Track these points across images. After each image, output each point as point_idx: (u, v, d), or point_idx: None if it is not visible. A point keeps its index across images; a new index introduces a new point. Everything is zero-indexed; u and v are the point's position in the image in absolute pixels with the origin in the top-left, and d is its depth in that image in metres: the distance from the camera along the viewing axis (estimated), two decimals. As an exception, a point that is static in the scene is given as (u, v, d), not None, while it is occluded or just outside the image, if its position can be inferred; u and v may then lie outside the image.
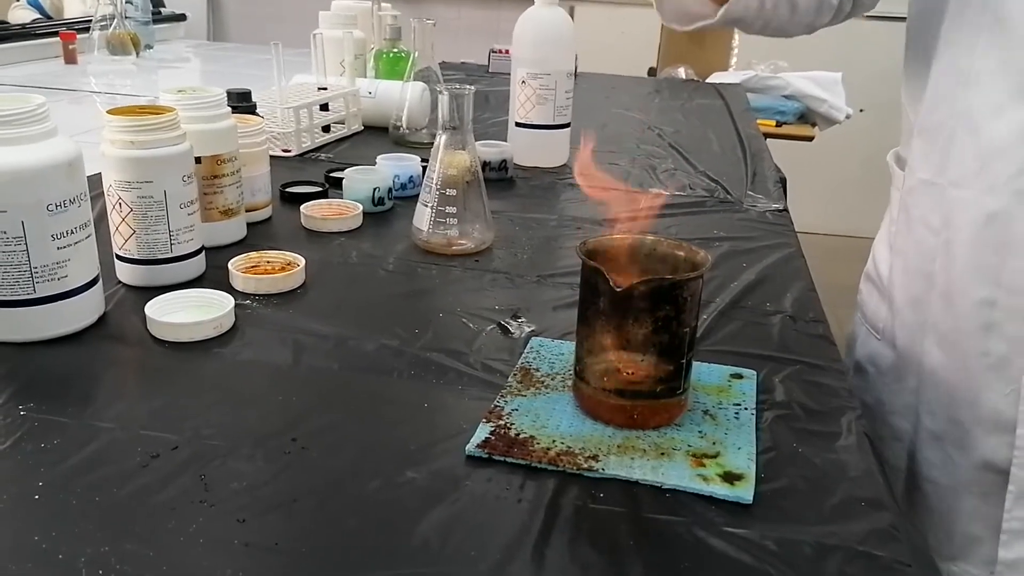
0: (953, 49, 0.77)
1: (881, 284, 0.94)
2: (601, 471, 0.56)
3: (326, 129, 1.41)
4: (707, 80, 2.53)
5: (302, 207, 1.00)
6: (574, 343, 0.65)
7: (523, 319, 0.78)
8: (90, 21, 2.14)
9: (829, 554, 0.49)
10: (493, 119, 1.61)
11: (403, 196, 1.10)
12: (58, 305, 0.69)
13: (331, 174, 1.16)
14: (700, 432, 0.61)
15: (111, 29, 2.08)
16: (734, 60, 2.94)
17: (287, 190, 1.09)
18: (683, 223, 1.09)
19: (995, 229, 0.76)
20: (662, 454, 0.58)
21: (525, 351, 0.72)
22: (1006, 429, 0.78)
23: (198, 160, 0.84)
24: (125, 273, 0.81)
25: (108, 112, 0.77)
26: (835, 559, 0.49)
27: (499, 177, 1.22)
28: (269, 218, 1.01)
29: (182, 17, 2.82)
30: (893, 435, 0.90)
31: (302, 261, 0.84)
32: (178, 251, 0.80)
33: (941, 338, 0.83)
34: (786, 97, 2.59)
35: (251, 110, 1.15)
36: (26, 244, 0.66)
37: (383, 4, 1.79)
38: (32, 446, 0.56)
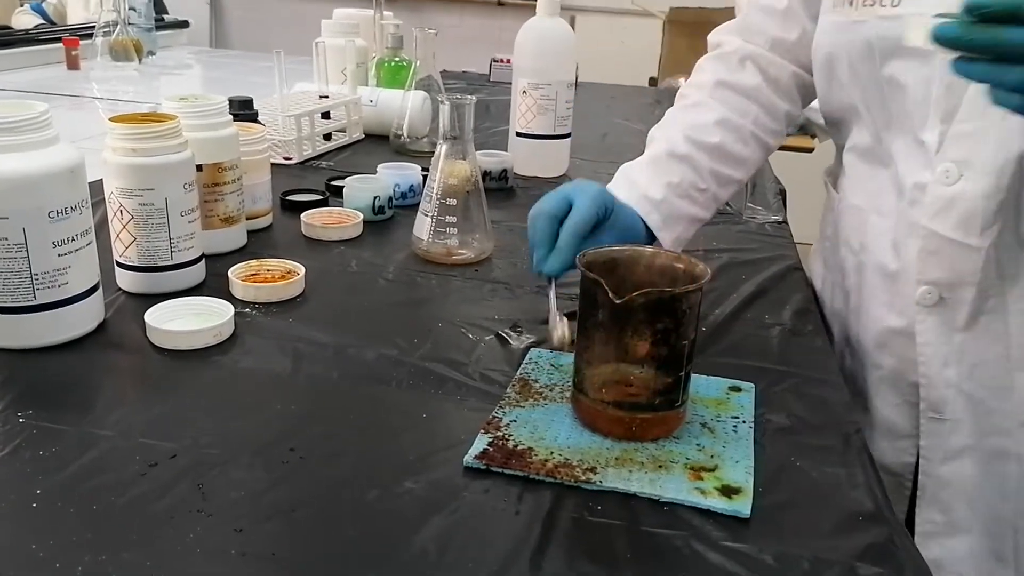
0: (865, 97, 0.79)
1: (813, 295, 0.98)
2: (599, 483, 0.56)
3: (327, 137, 1.42)
4: (708, 91, 2.53)
5: (302, 215, 1.00)
6: (572, 354, 0.65)
7: (522, 330, 0.78)
8: (93, 27, 2.14)
9: (827, 569, 0.49)
10: (494, 128, 1.61)
11: (403, 205, 1.10)
12: (58, 312, 0.69)
13: (332, 182, 1.16)
14: (698, 445, 0.61)
15: (114, 35, 2.09)
16: (735, 71, 2.94)
17: (287, 198, 1.10)
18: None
19: (891, 256, 0.79)
20: (660, 467, 0.58)
21: (524, 362, 0.72)
22: (897, 436, 0.82)
23: (199, 168, 0.84)
24: (125, 280, 0.81)
25: (110, 119, 0.77)
26: (833, 574, 0.49)
27: (499, 187, 1.22)
28: (269, 226, 1.01)
29: (185, 24, 2.83)
30: None
31: (302, 269, 0.85)
32: (178, 259, 0.80)
33: (851, 349, 0.88)
34: (786, 108, 2.59)
35: (253, 118, 1.15)
36: (27, 251, 0.66)
37: (385, 13, 1.79)
38: (31, 453, 0.56)
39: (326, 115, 1.41)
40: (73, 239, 0.69)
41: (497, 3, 4.05)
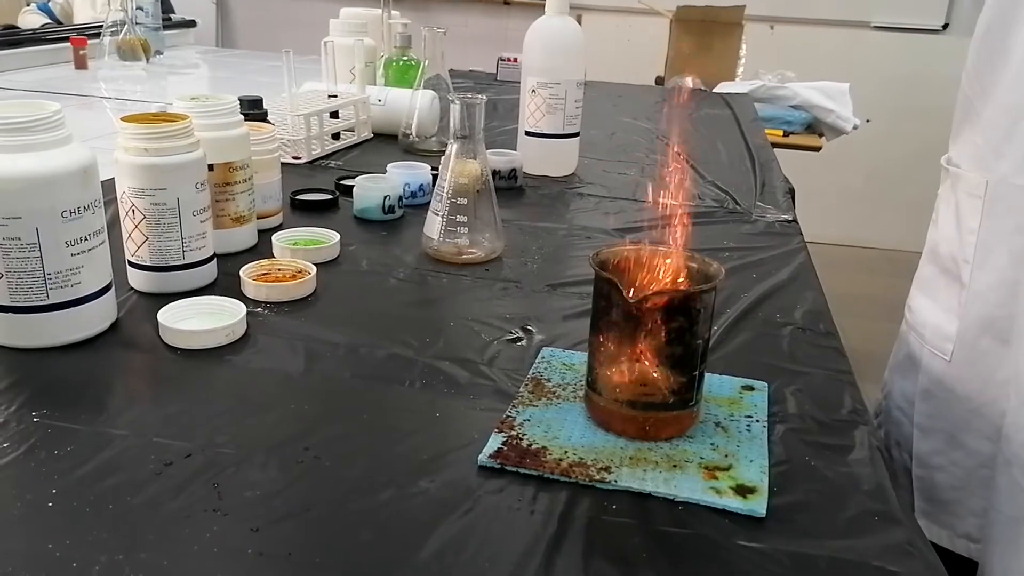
0: None
1: (951, 299, 0.91)
2: (613, 483, 0.56)
3: (336, 136, 1.42)
4: (714, 90, 2.54)
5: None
6: (585, 353, 0.65)
7: (534, 329, 0.78)
8: (100, 26, 2.15)
9: (843, 569, 0.49)
10: (501, 127, 1.61)
11: (413, 204, 1.10)
12: (71, 311, 0.69)
13: (341, 182, 1.16)
14: (712, 444, 0.61)
15: (121, 35, 2.09)
16: (741, 70, 2.94)
17: (297, 197, 1.10)
18: (692, 234, 1.09)
19: None
20: (674, 466, 0.58)
21: (536, 361, 0.72)
22: None
23: (211, 167, 0.84)
24: (137, 279, 0.81)
25: (122, 119, 0.77)
26: (849, 575, 0.49)
27: (508, 186, 1.22)
28: (280, 225, 1.01)
29: (192, 23, 2.83)
30: (980, 463, 0.89)
31: (313, 269, 0.85)
32: (190, 258, 0.80)
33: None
34: (793, 107, 2.59)
35: (263, 117, 1.15)
36: (40, 250, 0.66)
37: (393, 12, 1.79)
38: (45, 453, 0.56)
39: (335, 114, 1.41)
40: (86, 239, 0.69)
41: (503, 2, 4.05)
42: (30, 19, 2.82)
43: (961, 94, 0.90)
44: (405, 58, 1.64)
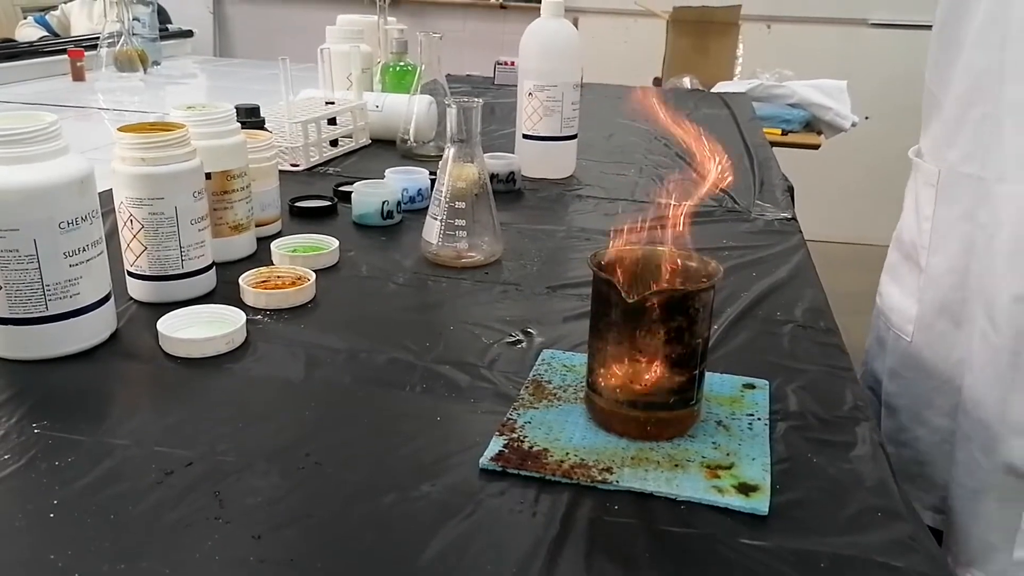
0: (986, 47, 0.78)
1: (912, 283, 0.94)
2: (615, 483, 0.55)
3: (334, 143, 1.42)
4: (712, 90, 2.53)
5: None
6: (585, 355, 0.65)
7: (534, 331, 0.78)
8: (97, 38, 2.15)
9: (847, 565, 0.49)
10: (499, 131, 1.61)
11: (412, 209, 1.11)
12: (70, 322, 0.69)
13: (340, 188, 1.16)
14: (714, 443, 0.61)
15: (118, 46, 2.09)
16: (738, 70, 2.94)
17: (296, 204, 1.10)
18: (692, 233, 1.09)
19: None
20: (676, 466, 0.58)
21: (536, 363, 0.72)
22: None
23: (208, 176, 0.84)
24: (136, 289, 0.81)
25: (119, 129, 0.77)
26: (853, 570, 0.49)
27: (507, 189, 1.22)
28: (279, 233, 1.01)
29: (189, 33, 2.84)
30: (942, 438, 0.91)
31: (312, 275, 0.85)
32: (189, 267, 0.80)
33: (978, 336, 0.84)
34: (791, 105, 2.59)
35: (260, 125, 1.15)
36: (38, 262, 0.66)
37: (389, 18, 1.79)
38: (47, 464, 0.56)
39: (332, 121, 1.41)
40: (84, 249, 0.69)
41: (500, 6, 4.06)
42: (27, 32, 2.83)
43: (925, 87, 0.93)
44: (402, 63, 1.64)
